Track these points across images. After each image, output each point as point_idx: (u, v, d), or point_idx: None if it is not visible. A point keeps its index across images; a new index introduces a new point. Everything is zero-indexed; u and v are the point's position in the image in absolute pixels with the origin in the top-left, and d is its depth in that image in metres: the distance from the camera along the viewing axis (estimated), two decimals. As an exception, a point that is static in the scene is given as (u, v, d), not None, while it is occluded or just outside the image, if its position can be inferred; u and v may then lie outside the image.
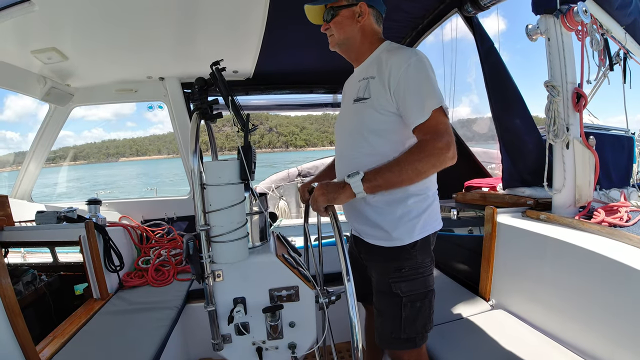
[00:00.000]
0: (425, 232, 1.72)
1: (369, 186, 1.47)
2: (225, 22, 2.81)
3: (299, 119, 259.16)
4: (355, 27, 1.75)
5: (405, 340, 1.73)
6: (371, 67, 1.71)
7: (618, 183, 2.75)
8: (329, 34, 1.82)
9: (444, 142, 1.44)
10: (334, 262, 1.39)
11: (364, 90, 1.69)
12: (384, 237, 1.72)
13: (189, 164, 2.36)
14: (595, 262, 1.76)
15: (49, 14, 2.43)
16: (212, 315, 1.67)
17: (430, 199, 1.74)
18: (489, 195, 2.84)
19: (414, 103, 1.53)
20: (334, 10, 1.75)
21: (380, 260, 1.78)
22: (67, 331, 2.29)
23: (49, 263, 3.32)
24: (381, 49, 1.75)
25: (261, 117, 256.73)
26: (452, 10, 2.93)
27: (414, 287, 1.71)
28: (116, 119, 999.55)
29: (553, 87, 2.14)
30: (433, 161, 1.44)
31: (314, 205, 1.60)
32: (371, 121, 1.68)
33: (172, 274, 3.19)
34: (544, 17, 2.16)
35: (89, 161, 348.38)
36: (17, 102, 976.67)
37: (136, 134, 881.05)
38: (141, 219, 4.28)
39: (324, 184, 1.60)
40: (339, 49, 1.84)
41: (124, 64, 3.56)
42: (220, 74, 1.70)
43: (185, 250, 1.57)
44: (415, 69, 1.55)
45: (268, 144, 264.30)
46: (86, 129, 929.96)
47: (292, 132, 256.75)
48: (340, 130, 1.92)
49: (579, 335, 1.89)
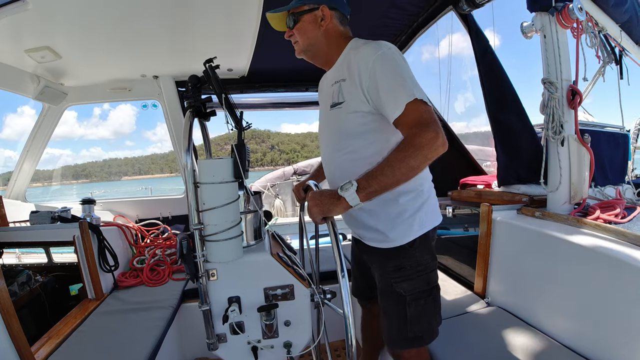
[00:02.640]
0: (423, 229, 1.70)
1: (364, 194, 1.39)
2: (219, 20, 2.80)
3: (300, 137, 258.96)
4: (319, 32, 1.72)
5: (413, 339, 1.73)
6: (341, 69, 1.68)
7: (613, 180, 2.75)
8: (293, 40, 1.79)
9: (431, 131, 1.36)
10: (330, 260, 1.38)
11: (338, 95, 1.66)
12: (382, 238, 1.71)
13: (182, 162, 2.35)
14: (590, 259, 1.76)
15: (43, 12, 2.41)
16: (206, 315, 1.66)
17: (424, 195, 1.72)
18: (484, 193, 2.84)
19: (388, 97, 1.48)
20: (295, 16, 1.73)
21: (381, 261, 1.77)
22: (62, 332, 2.28)
23: (43, 263, 3.31)
24: (348, 47, 1.72)
25: (262, 135, 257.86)
26: (447, 8, 2.92)
27: (417, 286, 1.70)
28: (115, 138, 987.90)
29: (551, 84, 2.13)
30: (425, 153, 1.36)
31: (310, 216, 1.51)
32: (350, 125, 1.65)
33: (167, 273, 3.18)
34: (539, 14, 2.16)
35: (91, 180, 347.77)
36: (16, 121, 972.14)
37: (135, 153, 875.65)
38: (136, 219, 4.27)
39: (318, 194, 1.49)
40: (305, 55, 1.81)
41: (118, 63, 3.54)
42: (214, 72, 1.69)
43: (179, 249, 1.56)
44: (383, 62, 1.50)
45: (270, 162, 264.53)
46: (84, 147, 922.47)
47: (294, 150, 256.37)
48: (323, 137, 1.91)
49: (574, 332, 1.89)
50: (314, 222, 1.51)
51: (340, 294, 1.37)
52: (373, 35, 3.33)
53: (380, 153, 1.52)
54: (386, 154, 1.42)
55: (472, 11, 2.74)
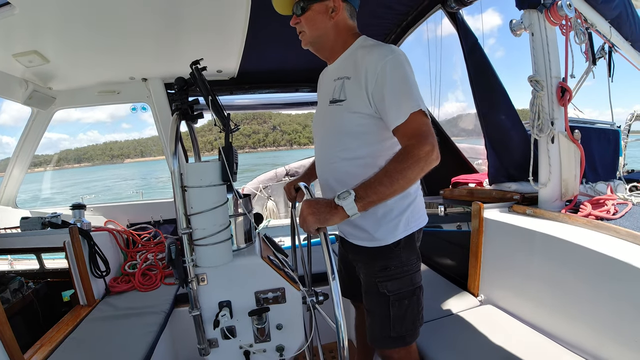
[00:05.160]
0: (409, 229, 1.70)
1: (362, 204, 1.37)
2: (207, 21, 2.78)
3: (301, 117, 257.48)
4: (329, 24, 1.65)
5: (395, 339, 1.73)
6: (346, 66, 1.65)
7: (604, 176, 2.77)
8: (299, 29, 1.72)
9: (429, 145, 1.37)
10: (321, 261, 1.36)
11: (340, 92, 1.64)
12: (367, 237, 1.71)
13: (169, 165, 2.33)
14: (582, 256, 1.76)
15: (30, 17, 2.38)
16: (197, 320, 1.65)
17: (412, 196, 1.73)
18: (475, 191, 2.84)
19: (392, 104, 1.47)
20: (304, 3, 1.64)
21: (366, 260, 1.77)
22: (55, 338, 2.25)
23: (35, 270, 3.27)
24: (356, 45, 1.68)
25: (264, 115, 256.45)
26: (435, 7, 2.92)
27: (401, 286, 1.70)
28: (112, 121, 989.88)
29: (537, 82, 2.14)
30: (421, 165, 1.37)
31: (303, 226, 1.45)
32: (347, 124, 1.63)
33: (159, 278, 3.15)
34: (528, 12, 2.16)
35: (94, 163, 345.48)
36: (12, 106, 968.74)
37: (132, 136, 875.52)
38: (127, 223, 4.24)
39: (314, 202, 1.43)
40: (312, 47, 1.75)
41: (106, 66, 3.50)
42: (200, 74, 1.67)
43: (167, 254, 1.55)
44: (392, 67, 1.48)
45: (273, 143, 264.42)
46: (81, 131, 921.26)
47: (295, 130, 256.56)
48: (317, 132, 1.89)
49: (567, 329, 1.89)
50: (307, 232, 1.45)
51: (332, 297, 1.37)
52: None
53: (374, 154, 1.52)
54: (379, 155, 1.41)
55: (460, 9, 2.74)
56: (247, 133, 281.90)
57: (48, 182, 67.15)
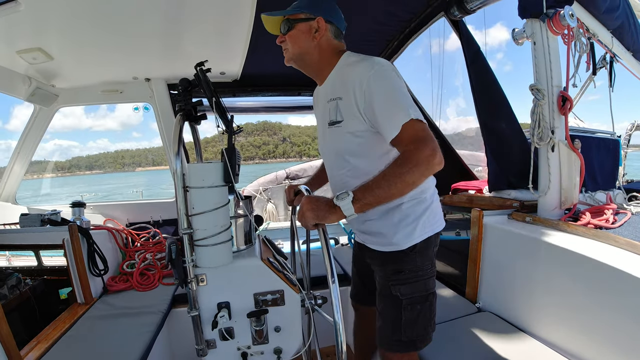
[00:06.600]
0: (424, 234, 1.71)
1: (359, 206, 1.39)
2: (212, 23, 2.79)
3: (311, 129, 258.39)
4: (311, 44, 1.69)
5: (407, 343, 1.72)
6: (336, 86, 1.67)
7: (604, 185, 2.78)
8: (284, 47, 1.76)
9: (429, 149, 1.37)
10: (322, 264, 1.37)
11: (335, 113, 1.65)
12: (385, 242, 1.72)
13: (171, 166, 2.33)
14: (581, 264, 1.77)
15: (35, 13, 2.39)
16: (195, 321, 1.65)
17: (427, 202, 1.74)
18: (475, 198, 2.85)
19: (384, 118, 1.48)
20: (290, 23, 1.70)
21: (382, 264, 1.78)
22: (51, 336, 2.25)
23: (33, 266, 3.26)
24: (341, 63, 1.70)
25: (274, 127, 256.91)
26: (438, 14, 2.93)
27: (414, 290, 1.70)
28: (122, 130, 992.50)
29: (538, 91, 2.15)
30: (421, 170, 1.38)
31: (301, 220, 1.50)
32: (350, 145, 1.66)
33: (157, 278, 3.15)
34: (530, 21, 2.17)
35: (105, 170, 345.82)
36: (23, 112, 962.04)
37: (142, 145, 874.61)
38: (126, 222, 4.24)
39: (314, 198, 1.49)
40: (294, 64, 1.78)
41: (110, 65, 3.51)
42: (205, 75, 1.68)
43: (168, 254, 1.55)
44: (376, 80, 1.49)
45: (282, 154, 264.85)
46: (91, 139, 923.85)
47: (305, 142, 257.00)
48: (324, 153, 1.91)
49: (565, 337, 1.89)
50: (305, 226, 1.50)
51: (331, 300, 1.37)
52: (365, 41, 3.35)
53: (380, 167, 1.52)
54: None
55: (463, 17, 2.75)
56: (258, 144, 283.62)
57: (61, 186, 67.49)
